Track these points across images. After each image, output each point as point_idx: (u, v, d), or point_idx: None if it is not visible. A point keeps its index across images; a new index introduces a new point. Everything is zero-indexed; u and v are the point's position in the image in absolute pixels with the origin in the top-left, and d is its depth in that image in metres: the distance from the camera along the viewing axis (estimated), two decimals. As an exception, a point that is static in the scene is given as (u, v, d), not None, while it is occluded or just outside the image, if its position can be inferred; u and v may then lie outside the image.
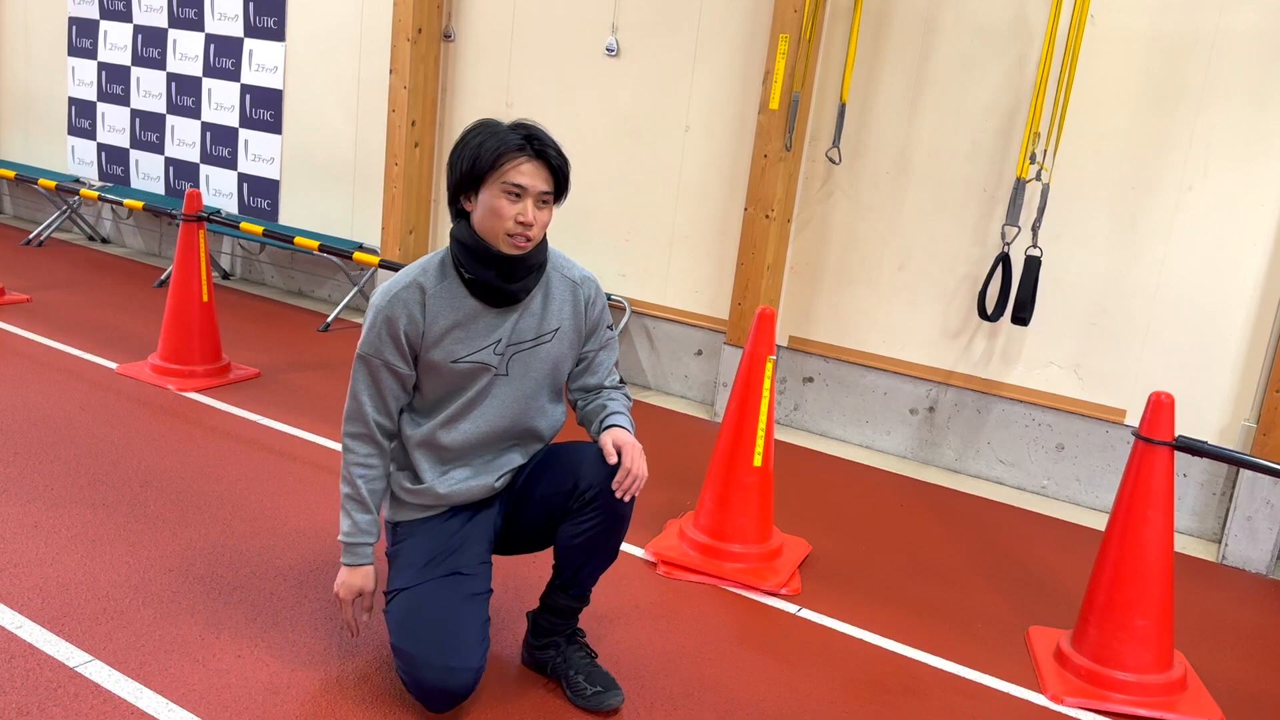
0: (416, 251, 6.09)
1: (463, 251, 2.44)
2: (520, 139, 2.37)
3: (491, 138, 2.38)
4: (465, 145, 2.41)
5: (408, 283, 2.46)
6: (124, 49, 7.24)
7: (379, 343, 2.45)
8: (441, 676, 2.36)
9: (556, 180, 2.42)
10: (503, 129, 2.39)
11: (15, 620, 2.65)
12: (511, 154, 2.36)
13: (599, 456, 2.46)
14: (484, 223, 2.40)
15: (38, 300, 5.79)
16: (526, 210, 2.37)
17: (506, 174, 2.36)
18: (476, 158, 2.37)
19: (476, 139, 2.39)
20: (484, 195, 2.39)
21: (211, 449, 3.96)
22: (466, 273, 2.44)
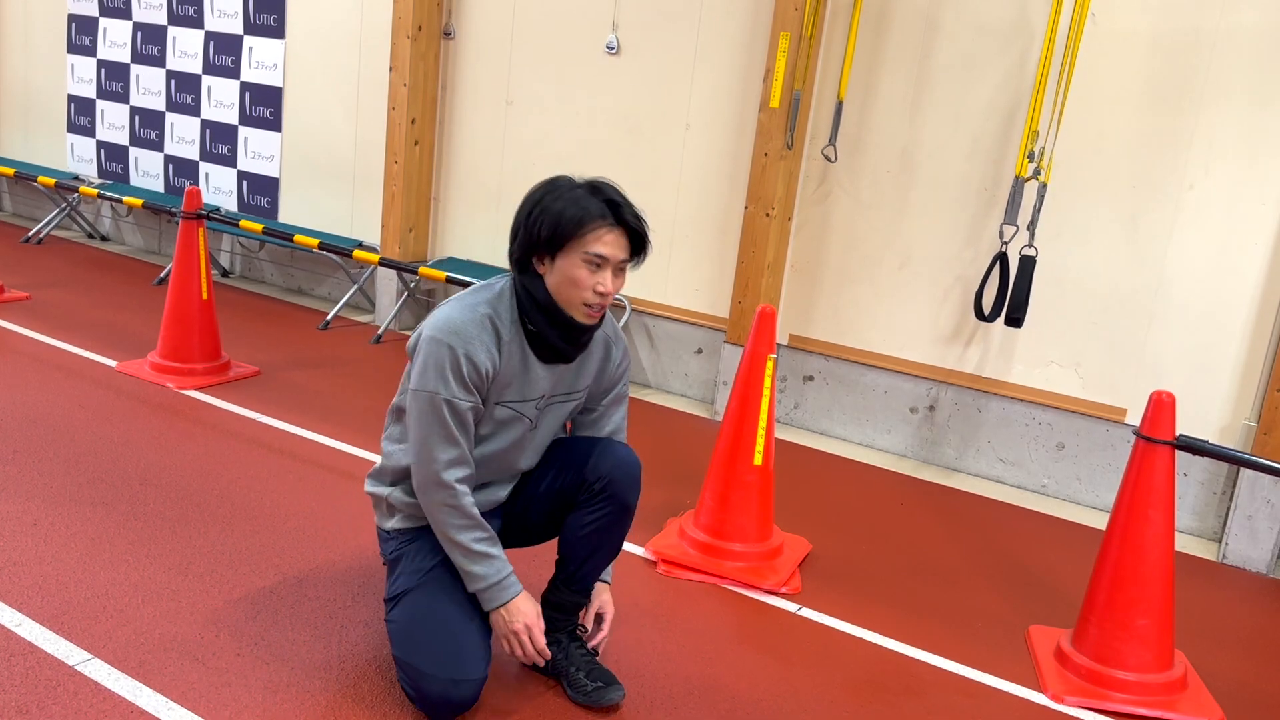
0: (416, 249, 6.09)
1: (534, 307, 2.38)
2: (601, 206, 2.32)
3: (573, 205, 2.31)
4: (543, 209, 2.34)
5: (481, 322, 2.36)
6: (123, 46, 7.23)
7: (463, 385, 2.33)
8: (445, 688, 2.35)
9: (634, 245, 2.37)
10: (581, 193, 2.33)
11: (14, 618, 2.64)
12: (594, 223, 2.30)
13: (606, 450, 2.53)
14: (561, 290, 2.35)
15: (37, 298, 5.79)
16: (606, 280, 2.33)
17: (588, 244, 2.30)
18: (557, 225, 2.30)
19: (556, 204, 2.32)
20: (562, 262, 2.33)
21: (211, 447, 3.96)
22: (531, 325, 2.39)
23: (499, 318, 2.39)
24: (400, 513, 2.56)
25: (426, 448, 2.36)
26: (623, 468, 2.52)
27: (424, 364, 2.34)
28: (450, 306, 2.40)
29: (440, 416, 2.34)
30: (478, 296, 2.42)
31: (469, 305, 2.39)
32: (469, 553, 2.40)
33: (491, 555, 2.41)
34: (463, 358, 2.32)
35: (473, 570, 2.40)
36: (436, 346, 2.32)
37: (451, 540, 2.40)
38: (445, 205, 6.14)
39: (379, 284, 6.19)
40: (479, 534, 2.40)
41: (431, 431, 2.35)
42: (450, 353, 2.31)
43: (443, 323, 2.35)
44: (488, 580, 2.41)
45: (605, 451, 2.54)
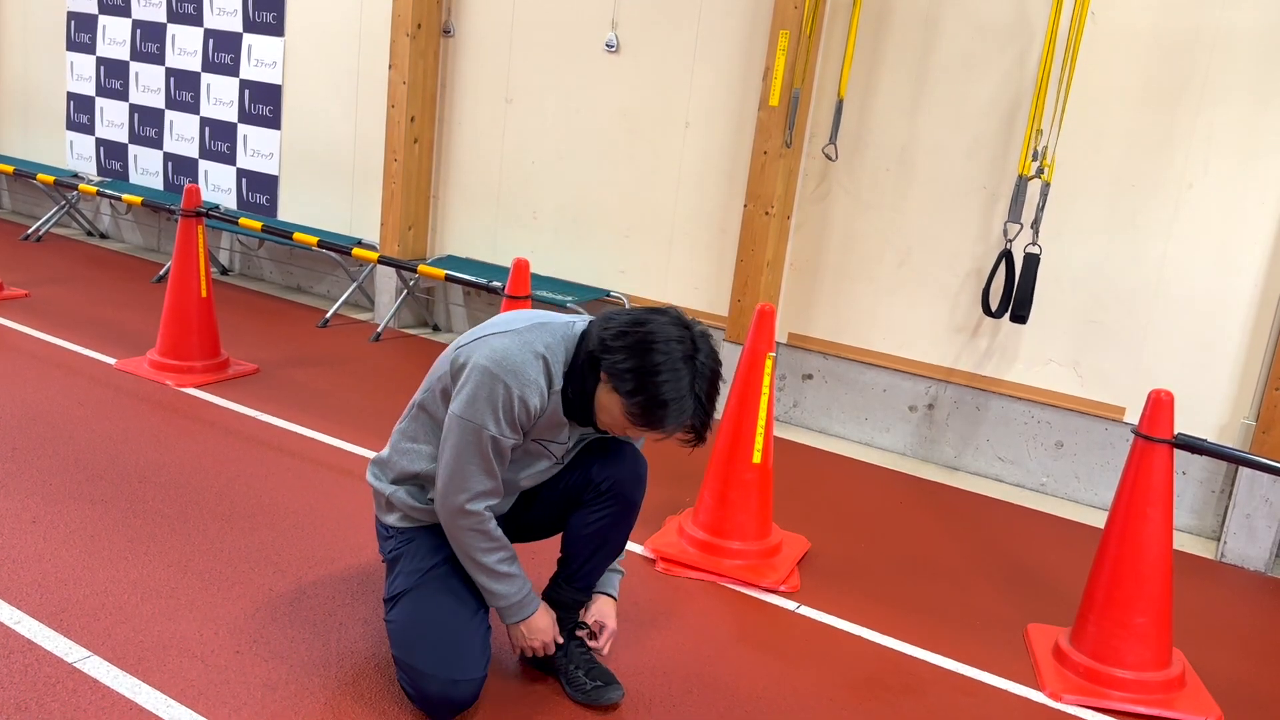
0: (415, 247, 6.09)
1: (577, 391, 2.33)
2: (694, 411, 2.23)
3: (676, 400, 2.20)
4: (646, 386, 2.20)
5: (537, 363, 2.32)
6: (123, 44, 7.22)
7: (512, 423, 2.32)
8: (444, 689, 2.35)
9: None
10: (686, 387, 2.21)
11: (13, 615, 2.64)
12: (677, 425, 2.25)
13: (613, 450, 2.54)
14: (605, 415, 2.31)
15: (36, 295, 5.79)
16: (641, 439, 2.39)
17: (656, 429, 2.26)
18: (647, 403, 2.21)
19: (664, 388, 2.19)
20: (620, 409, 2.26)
21: (210, 445, 3.96)
22: (570, 394, 2.35)
23: (553, 366, 2.34)
24: (399, 511, 2.56)
25: (462, 476, 2.35)
26: (629, 468, 2.54)
27: (474, 394, 2.30)
28: (510, 340, 2.33)
29: (483, 450, 2.33)
30: (537, 335, 2.35)
31: (527, 342, 2.33)
32: (493, 574, 2.43)
33: (513, 575, 2.44)
34: (516, 399, 2.29)
35: (495, 589, 2.44)
36: (492, 381, 2.28)
37: (476, 562, 2.42)
38: (444, 203, 6.14)
39: (378, 282, 6.19)
40: (502, 554, 2.43)
41: (470, 462, 2.34)
42: (506, 391, 2.28)
43: (500, 357, 2.30)
44: (509, 599, 2.45)
45: (612, 452, 2.55)
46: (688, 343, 2.24)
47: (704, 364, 2.25)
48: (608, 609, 2.65)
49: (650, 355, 2.21)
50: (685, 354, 2.23)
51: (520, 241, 5.88)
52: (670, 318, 2.27)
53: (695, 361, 2.24)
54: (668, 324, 2.25)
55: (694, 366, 2.23)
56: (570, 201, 5.66)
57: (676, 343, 2.23)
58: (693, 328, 2.28)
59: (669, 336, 2.23)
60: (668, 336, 2.23)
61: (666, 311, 2.30)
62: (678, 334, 2.24)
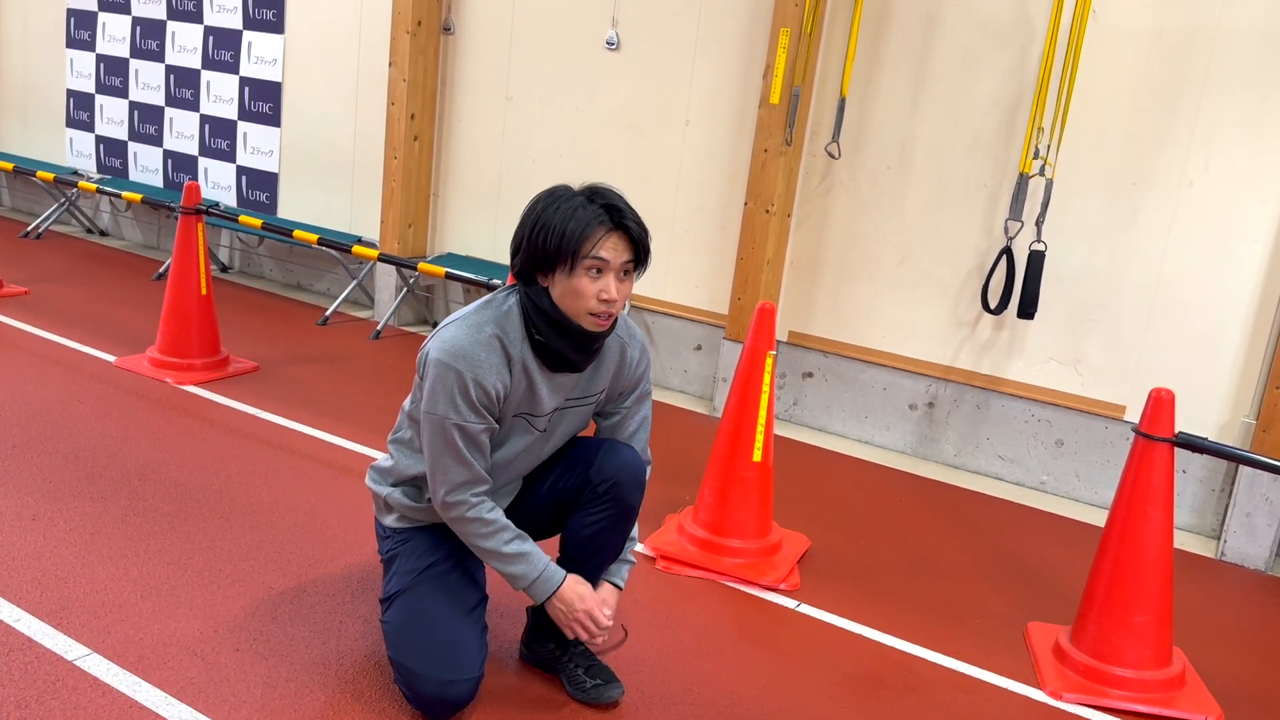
0: (415, 245, 6.08)
1: (541, 319, 2.35)
2: (600, 212, 2.29)
3: (572, 215, 2.28)
4: (540, 221, 2.31)
5: (489, 343, 2.34)
6: (122, 41, 7.22)
7: (474, 409, 2.32)
8: (439, 689, 2.35)
9: (636, 250, 2.35)
10: (580, 201, 2.30)
11: (13, 613, 2.64)
12: (594, 230, 2.28)
13: (611, 451, 2.52)
14: (566, 300, 2.32)
15: (36, 293, 5.78)
16: (609, 286, 2.30)
17: (588, 250, 2.28)
18: (560, 237, 2.27)
19: (556, 216, 2.29)
20: (564, 273, 2.30)
21: (210, 443, 3.96)
22: (539, 336, 2.36)
23: (507, 337, 2.36)
24: (396, 512, 2.55)
25: (440, 469, 2.36)
26: (628, 470, 2.51)
27: (432, 387, 2.32)
28: (456, 327, 2.36)
29: (452, 440, 2.33)
30: (484, 315, 2.39)
31: (475, 325, 2.36)
32: (503, 556, 2.40)
33: (525, 553, 2.41)
34: (471, 383, 2.30)
35: (511, 571, 2.41)
36: (444, 370, 2.30)
37: (483, 549, 2.41)
38: (444, 201, 6.14)
39: (378, 279, 6.18)
40: (507, 535, 2.41)
41: (444, 454, 2.35)
42: (459, 378, 2.29)
43: (449, 345, 2.32)
44: (529, 578, 2.41)
45: (611, 452, 2.53)
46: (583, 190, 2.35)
47: (599, 186, 2.35)
48: (609, 597, 2.61)
49: (546, 210, 2.32)
50: (580, 192, 2.34)
51: (520, 239, 5.87)
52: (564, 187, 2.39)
53: (589, 190, 2.34)
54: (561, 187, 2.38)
55: (589, 191, 2.34)
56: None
57: (572, 192, 2.35)
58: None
59: (556, 191, 2.35)
60: (555, 191, 2.35)
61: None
62: (571, 189, 2.36)
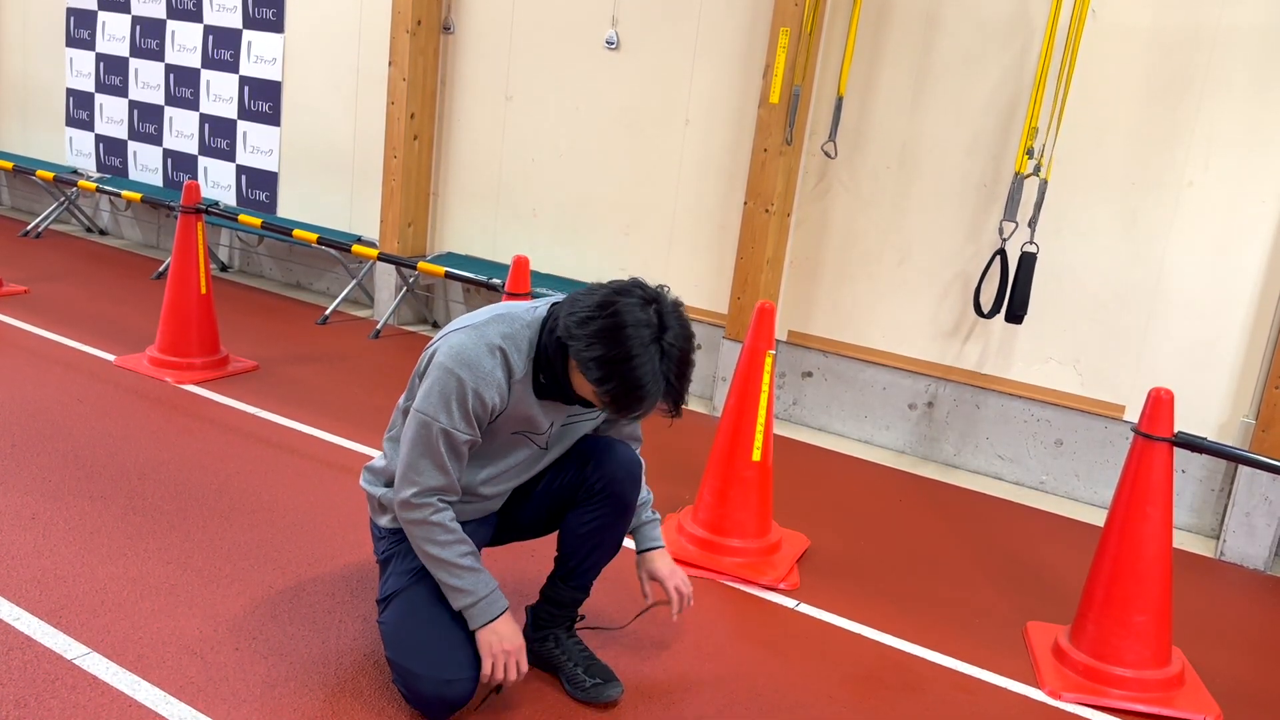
0: (415, 244, 6.08)
1: (547, 365, 2.31)
2: (667, 392, 2.20)
3: (648, 380, 2.16)
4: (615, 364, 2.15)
5: (495, 356, 2.30)
6: (122, 40, 7.21)
7: (467, 418, 2.29)
8: (438, 689, 2.35)
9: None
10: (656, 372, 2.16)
11: (13, 612, 2.64)
12: (650, 406, 2.21)
13: (607, 449, 2.52)
14: (582, 393, 2.28)
15: (35, 292, 5.78)
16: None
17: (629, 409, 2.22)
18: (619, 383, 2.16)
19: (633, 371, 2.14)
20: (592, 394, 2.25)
21: (210, 442, 3.96)
22: (543, 377, 2.33)
23: (512, 355, 2.32)
24: (391, 513, 2.55)
25: (415, 470, 2.33)
26: (623, 468, 2.52)
27: (430, 388, 2.30)
28: (467, 334, 2.32)
29: (435, 445, 2.31)
30: (496, 328, 2.33)
31: (482, 334, 2.31)
32: (455, 568, 2.35)
33: (477, 569, 2.37)
34: (470, 392, 2.27)
35: (458, 585, 2.36)
36: (447, 375, 2.27)
37: (434, 557, 2.35)
38: (444, 200, 6.13)
39: (378, 279, 6.18)
40: (463, 549, 2.36)
41: (423, 456, 2.32)
42: (459, 385, 2.27)
43: (458, 351, 2.29)
44: (475, 595, 2.35)
45: (606, 451, 2.53)
46: (654, 323, 2.18)
47: (671, 345, 2.18)
48: (661, 563, 2.63)
49: (617, 343, 2.15)
50: (653, 336, 2.17)
51: (520, 238, 5.88)
52: (636, 298, 2.19)
53: (663, 343, 2.18)
54: (634, 305, 2.18)
55: (662, 348, 2.17)
56: (570, 199, 5.66)
57: (644, 327, 2.16)
58: (661, 301, 2.22)
59: (636, 321, 2.16)
60: (635, 321, 2.15)
61: (631, 291, 2.21)
62: (644, 316, 2.17)
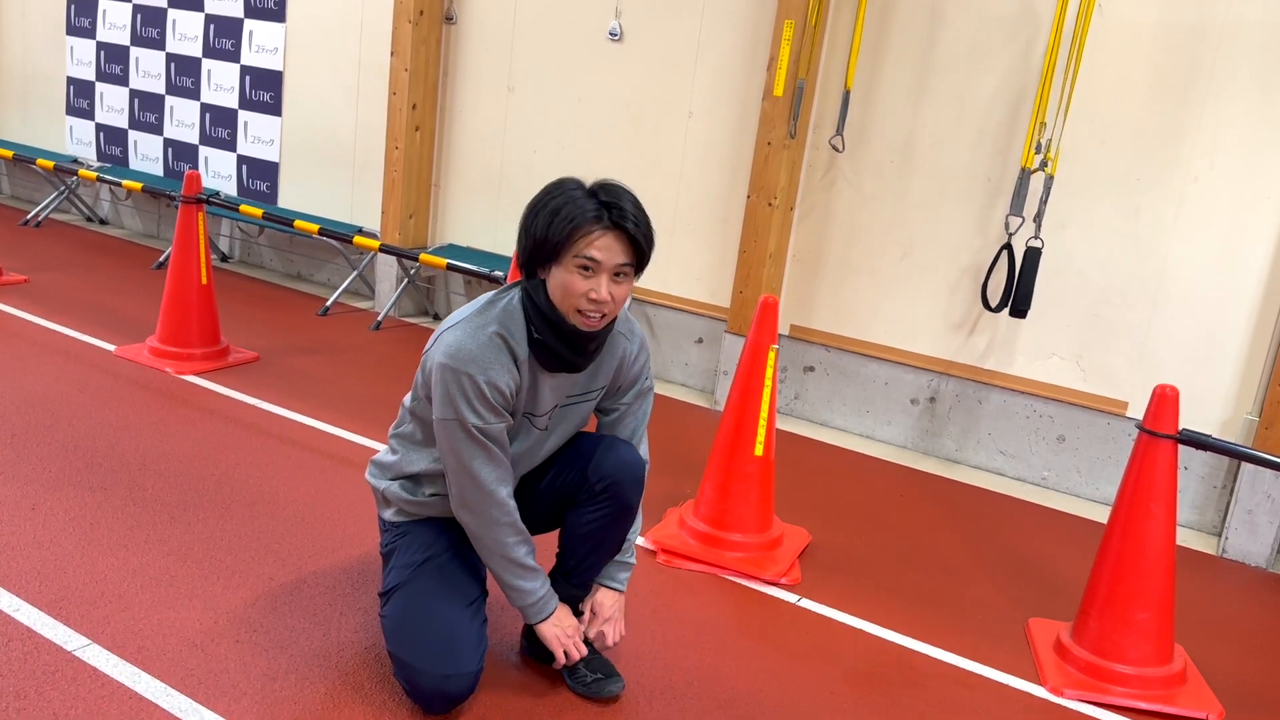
0: (416, 236, 6.07)
1: (538, 316, 2.31)
2: (596, 207, 2.23)
3: (567, 204, 2.23)
4: (539, 210, 2.27)
5: (494, 343, 2.29)
6: (123, 29, 7.18)
7: (491, 409, 2.28)
8: (438, 683, 2.34)
9: (637, 251, 2.28)
10: (579, 194, 2.25)
11: (13, 603, 2.64)
12: (586, 226, 2.21)
13: (610, 449, 2.51)
14: (558, 296, 2.27)
15: (35, 281, 5.77)
16: (600, 287, 2.23)
17: (579, 247, 2.22)
18: (549, 227, 2.23)
19: (551, 204, 2.25)
20: (557, 268, 2.26)
21: (210, 432, 3.95)
22: (536, 333, 2.32)
23: (511, 335, 2.32)
24: (394, 506, 2.54)
25: (469, 473, 2.32)
26: (626, 469, 2.50)
27: (445, 394, 2.27)
28: (459, 330, 2.31)
29: (477, 442, 2.30)
30: (486, 316, 2.34)
31: (478, 326, 2.31)
32: (522, 568, 2.41)
33: (539, 570, 2.45)
34: (485, 385, 2.26)
35: (522, 586, 2.42)
36: (455, 376, 2.25)
37: (505, 557, 2.40)
38: (446, 191, 6.12)
39: (379, 270, 6.17)
40: (529, 548, 2.43)
41: (471, 457, 2.31)
42: (471, 381, 2.25)
43: (455, 350, 2.27)
44: (536, 594, 2.44)
45: (609, 451, 2.51)
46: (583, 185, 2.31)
47: (606, 182, 2.29)
48: (605, 599, 2.62)
49: (546, 200, 2.29)
50: (584, 184, 2.30)
51: (522, 231, 5.86)
52: None
53: (595, 185, 2.29)
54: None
55: (594, 186, 2.29)
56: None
57: (572, 182, 2.31)
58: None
59: (562, 183, 2.31)
60: (561, 183, 2.31)
61: None
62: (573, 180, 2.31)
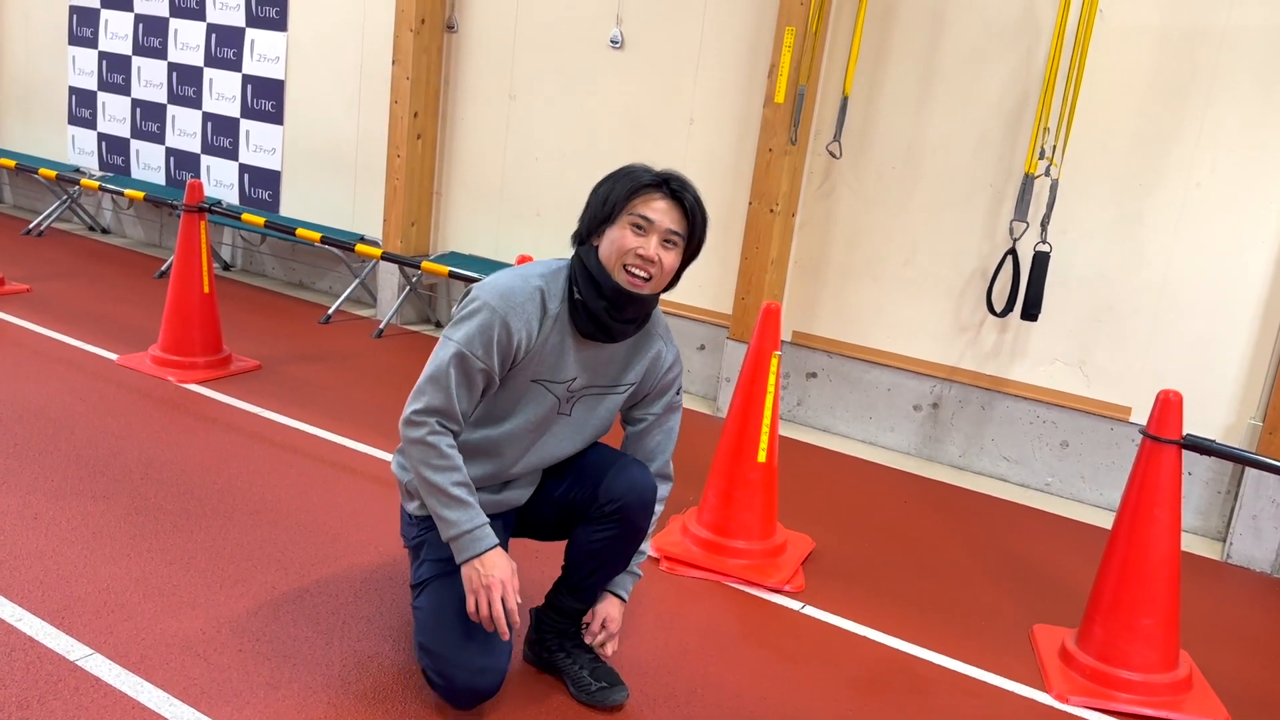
0: (418, 243, 6.07)
1: (582, 274, 2.38)
2: (657, 177, 2.37)
3: (632, 173, 2.38)
4: (601, 184, 2.42)
5: (531, 293, 2.37)
6: (125, 38, 7.20)
7: (488, 347, 2.32)
8: (473, 678, 2.34)
9: (690, 225, 2.38)
10: (641, 170, 2.39)
11: (15, 613, 2.63)
12: (645, 189, 2.35)
13: (622, 470, 2.50)
14: (607, 253, 2.36)
15: (38, 290, 5.77)
16: (650, 244, 2.33)
17: (635, 207, 2.35)
18: (611, 190, 2.37)
19: (614, 176, 2.40)
20: (610, 229, 2.37)
21: (212, 441, 3.95)
22: (578, 294, 2.38)
23: (549, 293, 2.39)
24: (418, 499, 2.52)
25: (423, 389, 2.35)
26: (636, 492, 2.47)
27: (460, 315, 2.36)
28: (508, 273, 2.41)
29: (446, 366, 2.33)
30: (535, 269, 2.44)
31: (523, 275, 2.40)
32: (446, 496, 2.32)
33: (467, 502, 2.33)
34: (498, 323, 2.31)
35: (446, 516, 2.32)
36: (480, 304, 2.34)
37: (427, 483, 2.33)
38: (448, 199, 6.12)
39: (381, 278, 6.17)
40: (457, 477, 2.34)
41: (435, 378, 2.34)
42: (489, 313, 2.32)
43: (493, 284, 2.37)
44: (460, 527, 2.31)
45: (622, 472, 2.49)
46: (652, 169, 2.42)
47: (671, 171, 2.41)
48: (610, 608, 2.60)
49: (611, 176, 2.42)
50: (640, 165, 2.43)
51: (523, 238, 5.86)
52: None
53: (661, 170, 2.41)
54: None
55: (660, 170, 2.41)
56: (574, 198, 5.64)
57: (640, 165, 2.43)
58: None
59: (629, 166, 2.43)
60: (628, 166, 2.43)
61: None
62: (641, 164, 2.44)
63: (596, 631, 2.59)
